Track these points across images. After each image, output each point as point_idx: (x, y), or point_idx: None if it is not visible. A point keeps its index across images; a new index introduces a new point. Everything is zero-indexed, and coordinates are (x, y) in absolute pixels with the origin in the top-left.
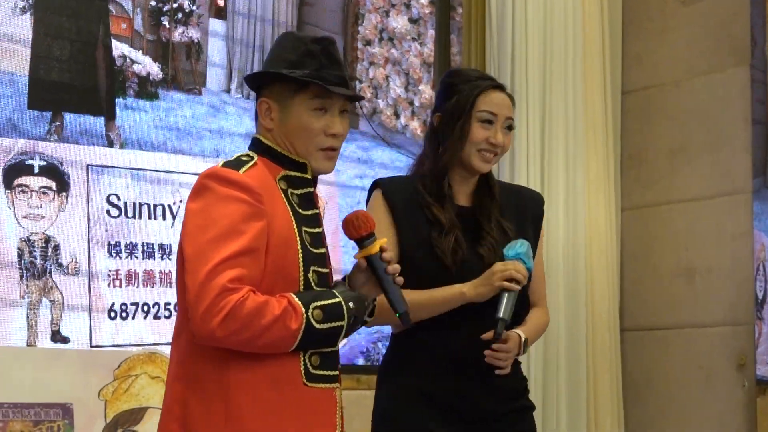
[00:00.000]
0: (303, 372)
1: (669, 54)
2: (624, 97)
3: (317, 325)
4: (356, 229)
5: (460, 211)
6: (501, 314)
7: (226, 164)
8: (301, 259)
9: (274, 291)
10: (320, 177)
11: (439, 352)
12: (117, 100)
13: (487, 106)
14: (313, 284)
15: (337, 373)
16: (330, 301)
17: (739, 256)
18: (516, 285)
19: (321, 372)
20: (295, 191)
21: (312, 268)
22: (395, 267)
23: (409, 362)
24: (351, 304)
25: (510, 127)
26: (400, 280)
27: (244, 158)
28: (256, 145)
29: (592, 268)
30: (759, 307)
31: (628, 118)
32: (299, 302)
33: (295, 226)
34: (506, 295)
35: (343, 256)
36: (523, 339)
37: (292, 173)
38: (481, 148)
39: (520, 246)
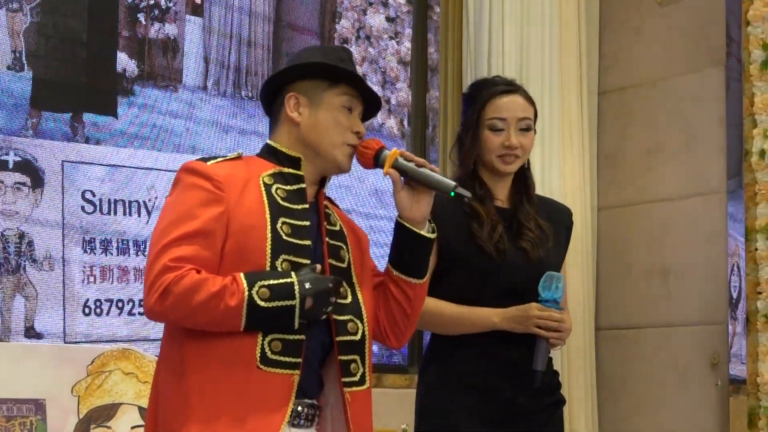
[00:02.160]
0: (259, 355)
1: (645, 54)
2: (600, 97)
3: (262, 304)
4: (366, 149)
5: (499, 211)
6: (538, 366)
7: (200, 158)
8: (269, 247)
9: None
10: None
11: (477, 349)
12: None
13: (495, 113)
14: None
15: (299, 360)
16: (280, 281)
17: (714, 256)
18: (549, 333)
19: (280, 358)
20: (284, 186)
21: (283, 256)
22: (420, 159)
23: (447, 358)
24: (308, 285)
25: (527, 128)
26: (432, 167)
27: (226, 155)
28: (262, 148)
29: (567, 267)
30: (733, 307)
31: (605, 118)
32: (244, 280)
33: (268, 215)
34: (543, 345)
35: None
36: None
37: (286, 170)
38: (500, 153)
39: (555, 287)
